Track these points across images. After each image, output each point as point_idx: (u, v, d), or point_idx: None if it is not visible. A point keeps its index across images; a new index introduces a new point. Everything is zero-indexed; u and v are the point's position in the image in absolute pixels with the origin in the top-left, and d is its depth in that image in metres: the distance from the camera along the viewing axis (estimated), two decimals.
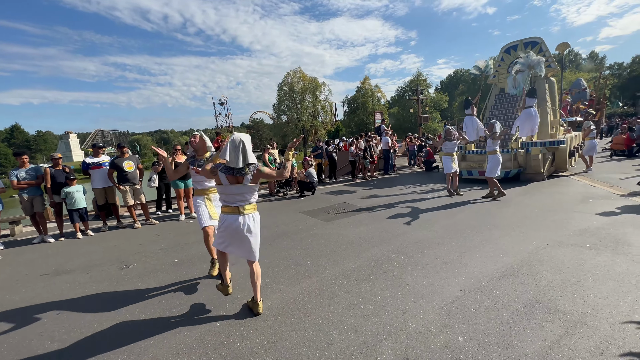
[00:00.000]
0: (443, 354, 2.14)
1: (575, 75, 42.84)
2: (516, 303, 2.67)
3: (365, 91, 44.97)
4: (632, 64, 59.89)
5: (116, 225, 6.52)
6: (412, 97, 30.72)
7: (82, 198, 5.97)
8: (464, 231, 4.66)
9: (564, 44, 12.45)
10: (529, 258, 3.55)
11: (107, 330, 2.72)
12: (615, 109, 43.62)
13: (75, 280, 3.89)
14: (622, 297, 2.64)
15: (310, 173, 8.97)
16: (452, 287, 3.03)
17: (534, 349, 2.11)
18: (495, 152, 6.72)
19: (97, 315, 2.99)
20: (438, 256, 3.80)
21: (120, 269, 4.15)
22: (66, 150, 76.56)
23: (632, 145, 12.09)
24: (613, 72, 63.02)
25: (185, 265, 4.14)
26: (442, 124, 38.84)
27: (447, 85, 65.53)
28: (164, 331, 2.64)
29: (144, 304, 3.13)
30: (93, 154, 6.42)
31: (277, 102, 43.04)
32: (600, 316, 2.40)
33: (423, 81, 44.70)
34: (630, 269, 3.11)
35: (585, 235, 4.10)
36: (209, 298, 3.17)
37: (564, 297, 2.70)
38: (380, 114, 24.48)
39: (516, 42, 11.18)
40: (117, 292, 3.48)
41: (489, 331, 2.33)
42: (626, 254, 3.46)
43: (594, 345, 2.10)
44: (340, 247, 4.39)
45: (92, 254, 4.88)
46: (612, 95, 51.19)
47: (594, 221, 4.64)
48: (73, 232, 5.93)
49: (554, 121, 10.66)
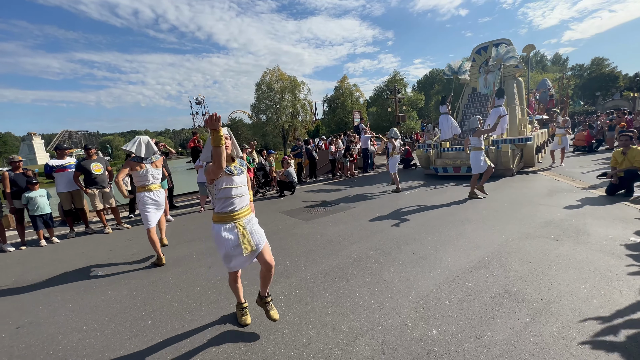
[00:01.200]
0: (418, 346, 2.19)
1: (542, 76, 45.25)
2: (487, 294, 2.77)
3: (343, 90, 45.27)
4: (592, 65, 64.23)
5: (84, 231, 6.19)
6: (389, 96, 31.27)
7: (46, 203, 5.62)
8: (440, 226, 4.80)
9: (530, 46, 13.13)
10: (499, 250, 3.71)
11: (72, 343, 2.57)
12: (577, 107, 46.57)
13: (38, 291, 3.65)
14: (582, 283, 2.82)
15: (289, 172, 8.92)
16: (428, 281, 3.11)
17: (503, 337, 2.21)
18: (480, 148, 6.49)
19: (62, 327, 2.82)
20: (415, 251, 3.89)
21: (88, 277, 3.93)
22: (29, 152, 71.93)
23: (592, 142, 12.94)
24: (575, 73, 67.26)
25: (159, 270, 3.99)
26: (419, 122, 39.83)
27: (424, 85, 67.24)
28: (135, 340, 2.53)
29: (113, 313, 2.99)
30: (57, 157, 6.05)
31: (255, 102, 42.41)
32: (562, 302, 2.55)
33: (400, 80, 45.59)
34: (589, 257, 3.32)
35: (550, 227, 4.34)
36: (184, 303, 3.07)
37: (530, 286, 2.84)
38: (359, 112, 24.72)
39: (486, 44, 11.63)
40: (84, 301, 3.29)
41: (462, 322, 2.41)
42: (586, 243, 3.70)
43: (557, 331, 2.22)
44: (320, 246, 4.39)
45: (58, 262, 4.60)
46: (574, 94, 54.55)
47: (558, 213, 4.91)
48: (36, 240, 5.56)
49: (522, 119, 11.19)
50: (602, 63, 62.53)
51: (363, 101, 48.67)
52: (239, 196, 2.34)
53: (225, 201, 2.30)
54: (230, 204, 2.30)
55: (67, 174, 5.96)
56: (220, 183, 2.26)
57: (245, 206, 2.40)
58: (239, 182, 2.34)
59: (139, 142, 4.11)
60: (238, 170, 2.37)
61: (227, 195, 2.29)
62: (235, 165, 2.38)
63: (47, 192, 5.72)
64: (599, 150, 12.90)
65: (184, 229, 6.00)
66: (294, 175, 9.11)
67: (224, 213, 2.31)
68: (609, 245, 3.56)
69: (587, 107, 49.55)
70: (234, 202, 2.31)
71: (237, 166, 2.39)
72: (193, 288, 3.38)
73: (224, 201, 2.30)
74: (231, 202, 2.30)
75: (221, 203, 2.31)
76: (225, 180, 2.28)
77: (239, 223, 2.33)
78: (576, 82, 61.79)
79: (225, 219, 2.31)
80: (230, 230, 2.31)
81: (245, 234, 2.33)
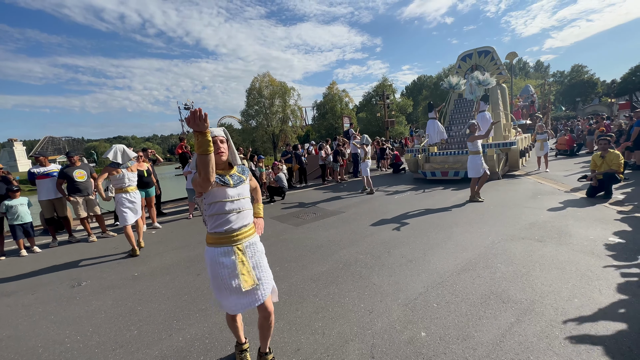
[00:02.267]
0: (407, 349, 2.20)
1: (525, 82, 46.74)
2: (474, 295, 2.82)
3: (333, 96, 45.63)
4: (572, 72, 66.84)
5: (68, 239, 6.01)
6: (378, 101, 31.68)
7: (27, 212, 5.44)
8: (428, 229, 4.87)
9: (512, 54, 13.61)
10: (485, 252, 3.78)
11: (53, 356, 2.49)
12: (559, 112, 48.20)
13: (18, 302, 3.52)
14: (564, 283, 2.90)
15: (279, 178, 8.90)
16: (416, 284, 3.14)
17: (489, 337, 2.25)
18: (477, 152, 6.39)
19: (43, 339, 2.72)
20: (403, 255, 3.93)
21: (71, 287, 3.82)
22: (10, 159, 69.46)
23: (573, 145, 13.39)
24: (556, 80, 69.70)
25: (146, 278, 3.91)
26: (408, 127, 40.45)
27: (412, 91, 68.35)
28: (120, 351, 2.46)
29: (97, 324, 2.90)
30: (39, 164, 5.89)
31: (245, 107, 42.31)
32: (546, 302, 2.62)
33: (389, 86, 46.36)
34: (571, 257, 3.43)
35: (534, 229, 4.46)
36: (171, 312, 3.01)
37: (515, 287, 2.90)
38: (348, 118, 24.98)
39: (471, 51, 11.99)
40: (67, 312, 3.19)
41: (449, 324, 2.44)
42: (568, 244, 3.81)
43: (541, 330, 2.28)
44: (310, 251, 4.38)
45: (39, 272, 4.45)
46: (555, 100, 56.47)
47: (542, 215, 5.05)
48: (16, 250, 5.37)
49: (506, 124, 11.52)
50: (582, 70, 65.22)
51: (352, 107, 49.13)
52: (237, 212, 1.87)
53: (218, 218, 1.84)
54: (226, 222, 1.84)
55: (49, 181, 5.79)
56: (211, 196, 1.82)
57: (246, 225, 1.93)
58: (234, 194, 1.88)
59: (115, 150, 4.82)
60: (236, 180, 1.91)
61: (221, 211, 1.83)
62: (232, 173, 1.93)
63: (28, 200, 5.55)
64: (579, 153, 13.37)
65: (172, 236, 5.90)
66: (285, 181, 9.10)
67: (218, 233, 1.86)
68: (590, 246, 3.68)
69: (568, 112, 51.41)
70: (229, 220, 1.85)
71: (236, 175, 1.94)
72: (181, 296, 3.33)
73: (216, 218, 1.84)
74: (226, 220, 1.84)
75: (213, 220, 1.85)
76: (218, 192, 1.83)
77: (238, 247, 1.87)
78: (557, 88, 64.09)
79: (220, 240, 1.85)
80: (225, 255, 1.85)
81: (245, 262, 1.87)
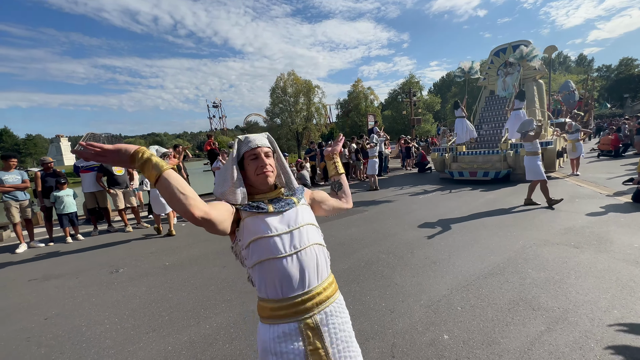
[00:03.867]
0: (428, 351, 2.18)
1: (564, 78, 43.66)
2: (501, 301, 2.72)
3: (357, 93, 45.17)
4: (620, 66, 61.35)
5: (107, 229, 6.47)
6: (404, 99, 30.96)
7: (72, 202, 5.92)
8: (454, 231, 4.73)
9: (551, 47, 12.71)
10: (515, 257, 3.62)
11: (95, 334, 2.71)
12: (604, 110, 44.56)
13: (64, 285, 3.86)
14: (602, 293, 2.72)
15: (303, 175, 9.01)
16: (440, 286, 3.08)
17: (516, 345, 2.17)
18: (535, 153, 5.75)
19: (86, 319, 2.98)
20: (427, 256, 3.85)
21: (110, 273, 4.12)
22: (57, 153, 75.56)
23: (618, 146, 12.37)
24: (601, 75, 64.42)
25: (176, 268, 4.14)
26: (435, 125, 39.23)
27: (440, 87, 66.25)
28: (153, 335, 2.64)
29: (133, 308, 3.12)
30: (82, 158, 6.38)
31: (270, 105, 43.00)
32: (580, 312, 2.47)
33: (416, 83, 45.09)
34: (611, 266, 3.20)
35: (570, 234, 4.20)
36: (199, 301, 3.17)
37: (547, 294, 2.76)
38: (373, 116, 24.64)
39: (505, 45, 11.39)
40: (106, 296, 3.46)
41: (474, 328, 2.38)
42: (608, 251, 3.55)
43: (574, 340, 2.16)
44: (331, 249, 4.38)
45: (82, 258, 4.85)
46: (600, 96, 52.29)
47: (579, 220, 4.74)
48: (63, 237, 5.87)
49: (543, 122, 10.85)
50: (632, 64, 59.60)
51: (378, 104, 48.39)
52: (295, 253, 1.11)
53: (265, 272, 1.11)
54: (278, 275, 1.09)
55: (92, 175, 6.27)
56: (245, 233, 1.14)
57: (321, 282, 1.16)
58: (281, 225, 1.15)
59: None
60: (280, 205, 1.20)
61: (264, 257, 1.10)
62: (274, 197, 1.23)
63: (74, 192, 6.04)
64: (625, 154, 12.32)
65: (201, 229, 6.15)
66: (308, 178, 9.20)
67: (271, 301, 1.12)
68: (634, 254, 3.41)
69: (615, 109, 47.34)
70: (285, 270, 1.09)
71: (283, 199, 1.23)
72: (208, 287, 3.49)
73: (262, 272, 1.11)
74: (279, 271, 1.09)
75: (260, 276, 1.12)
76: (252, 225, 1.13)
77: (307, 322, 1.11)
78: (602, 83, 59.19)
79: (276, 313, 1.11)
80: (286, 340, 1.09)
81: (319, 349, 1.10)
